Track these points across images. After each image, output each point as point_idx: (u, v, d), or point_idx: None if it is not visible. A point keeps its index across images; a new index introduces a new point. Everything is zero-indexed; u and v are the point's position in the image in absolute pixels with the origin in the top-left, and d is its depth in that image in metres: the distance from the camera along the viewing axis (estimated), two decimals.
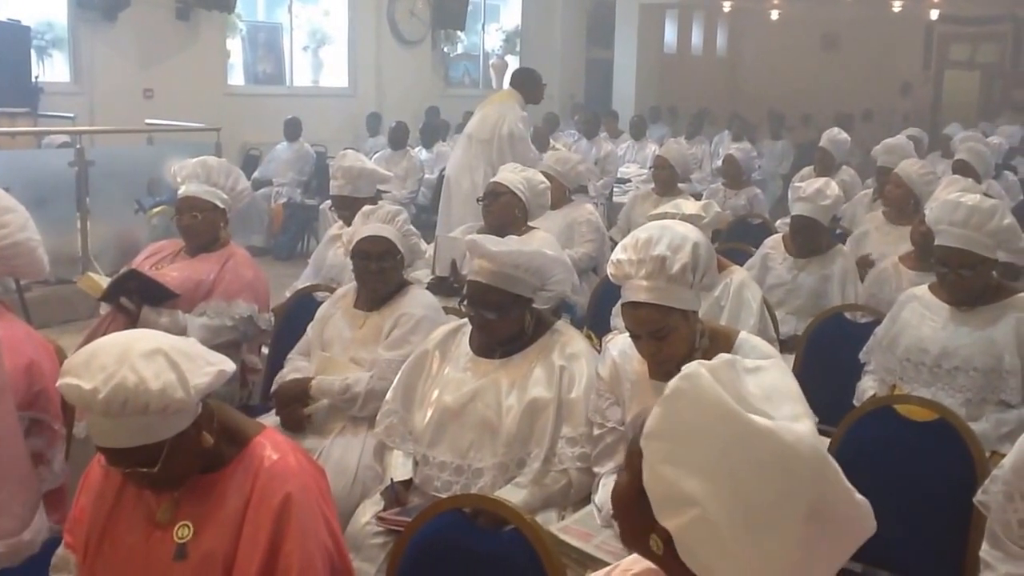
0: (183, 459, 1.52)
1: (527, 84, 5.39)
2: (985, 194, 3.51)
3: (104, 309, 3.05)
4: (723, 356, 1.03)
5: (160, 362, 1.45)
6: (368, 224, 2.75)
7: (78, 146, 5.73)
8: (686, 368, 0.99)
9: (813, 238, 3.60)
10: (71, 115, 7.23)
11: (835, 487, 0.92)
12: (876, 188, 5.12)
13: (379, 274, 2.71)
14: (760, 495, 0.91)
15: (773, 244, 3.75)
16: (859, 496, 0.95)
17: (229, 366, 1.56)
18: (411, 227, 2.82)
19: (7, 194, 2.22)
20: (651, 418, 0.98)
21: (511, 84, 5.49)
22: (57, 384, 1.50)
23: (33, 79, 7.26)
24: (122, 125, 7.13)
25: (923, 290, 2.73)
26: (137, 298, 2.94)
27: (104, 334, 1.61)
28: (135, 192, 5.80)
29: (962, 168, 5.13)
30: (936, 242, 2.61)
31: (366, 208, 2.85)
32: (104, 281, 3.04)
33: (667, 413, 0.97)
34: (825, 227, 3.64)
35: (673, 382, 0.98)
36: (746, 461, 0.91)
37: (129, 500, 1.62)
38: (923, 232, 3.45)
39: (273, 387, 2.78)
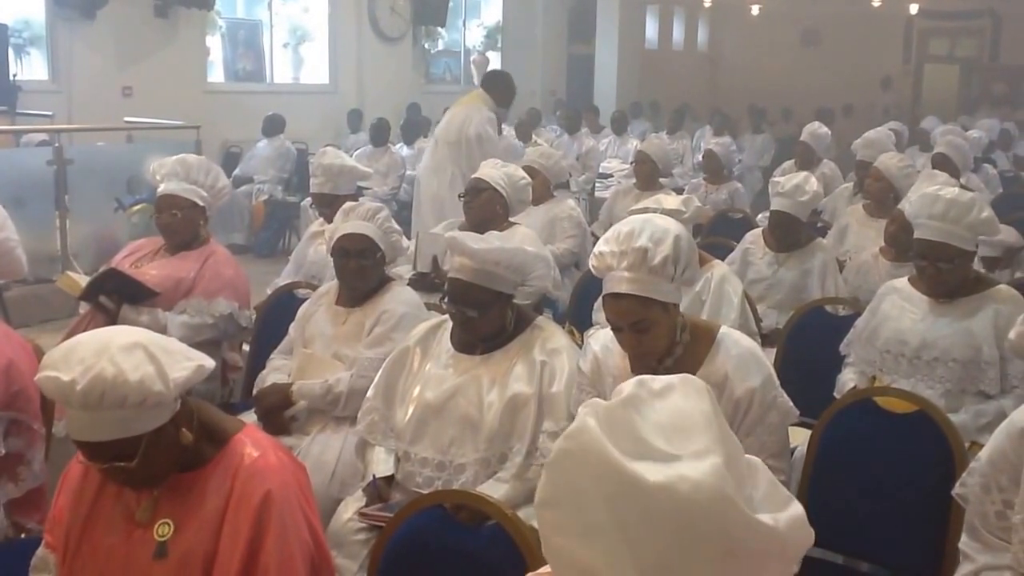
0: (161, 456, 1.52)
1: (498, 86, 5.33)
2: (964, 187, 3.55)
3: (83, 308, 3.02)
4: (624, 388, 0.93)
5: (139, 355, 1.45)
6: (348, 221, 2.74)
7: (57, 144, 5.66)
8: (575, 423, 0.90)
9: (792, 233, 3.62)
10: (49, 113, 7.13)
11: (744, 526, 0.85)
12: (856, 182, 5.16)
13: (359, 271, 2.71)
14: (662, 553, 0.83)
15: (753, 239, 3.77)
16: (781, 517, 0.88)
17: (208, 362, 1.55)
18: (392, 224, 2.81)
19: None
20: (540, 485, 0.90)
21: (482, 85, 5.44)
22: (36, 378, 1.49)
23: (11, 77, 7.17)
24: (101, 123, 7.05)
25: (903, 282, 2.76)
26: (117, 297, 2.92)
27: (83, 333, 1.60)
28: (115, 190, 5.73)
29: (941, 162, 5.18)
30: (915, 235, 2.63)
31: (346, 205, 2.84)
32: (83, 280, 3.01)
33: (554, 479, 0.89)
34: (803, 222, 3.66)
35: (558, 443, 0.90)
36: (640, 520, 0.84)
37: (108, 499, 1.61)
38: (892, 232, 3.48)
39: (254, 389, 2.77)
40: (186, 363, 1.50)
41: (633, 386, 0.94)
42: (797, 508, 0.91)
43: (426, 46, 11.73)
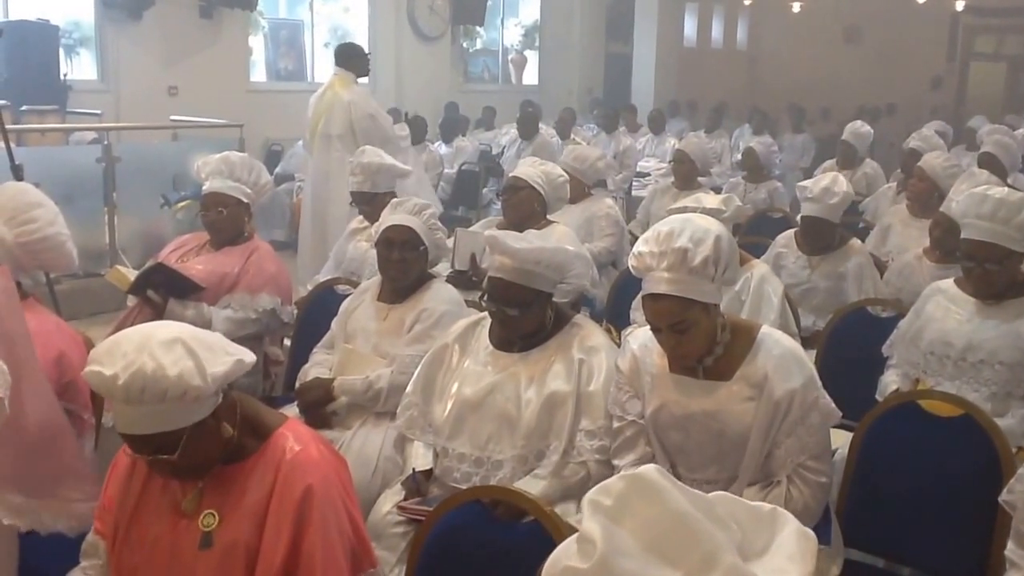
0: (203, 448, 1.55)
1: (353, 60, 5.37)
2: (1011, 187, 3.47)
3: (132, 302, 3.09)
4: (586, 536, 0.86)
5: (178, 350, 1.48)
6: (396, 214, 2.78)
7: (105, 142, 5.80)
8: None
9: (823, 237, 3.55)
10: (98, 112, 7.32)
11: None
12: (902, 178, 5.07)
13: (400, 263, 2.73)
14: None
15: (785, 242, 3.69)
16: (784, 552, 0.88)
17: (249, 357, 1.58)
18: (437, 223, 2.84)
19: (37, 190, 2.26)
20: None
21: (339, 65, 5.41)
22: (83, 372, 1.53)
23: (61, 77, 7.36)
24: (148, 122, 7.20)
25: (948, 283, 2.71)
26: (163, 291, 2.98)
27: (131, 326, 1.64)
28: (161, 187, 5.85)
29: (988, 161, 5.07)
30: (962, 235, 2.58)
31: (396, 199, 2.89)
32: (131, 274, 3.08)
33: None
34: (835, 224, 3.56)
35: None
36: None
37: (155, 490, 1.65)
38: (937, 236, 3.40)
39: (297, 383, 2.81)
40: (225, 358, 1.53)
41: (591, 523, 0.86)
42: (792, 525, 0.89)
43: (464, 45, 11.79)
